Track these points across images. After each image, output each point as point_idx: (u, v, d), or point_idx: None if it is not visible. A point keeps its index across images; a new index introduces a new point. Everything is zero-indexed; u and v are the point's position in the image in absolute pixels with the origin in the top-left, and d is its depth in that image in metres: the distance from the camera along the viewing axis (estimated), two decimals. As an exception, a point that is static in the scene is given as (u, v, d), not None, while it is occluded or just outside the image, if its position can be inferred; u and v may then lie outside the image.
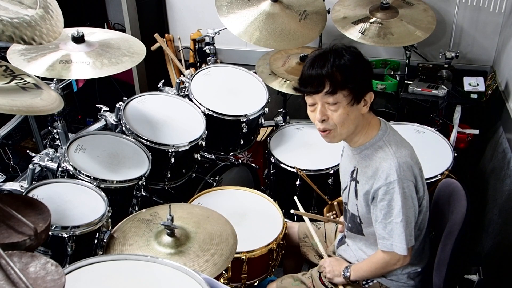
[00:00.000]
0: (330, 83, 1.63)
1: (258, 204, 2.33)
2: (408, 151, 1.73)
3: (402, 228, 1.70)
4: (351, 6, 2.96)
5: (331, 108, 1.67)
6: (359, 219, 1.84)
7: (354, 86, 1.65)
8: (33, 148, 3.16)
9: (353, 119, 1.69)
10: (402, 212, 1.69)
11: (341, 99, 1.65)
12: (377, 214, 1.74)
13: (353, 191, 1.82)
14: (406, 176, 1.68)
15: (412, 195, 1.70)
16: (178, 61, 3.40)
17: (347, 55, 1.65)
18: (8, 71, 1.85)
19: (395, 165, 1.67)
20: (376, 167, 1.71)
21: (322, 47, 1.76)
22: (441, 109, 2.97)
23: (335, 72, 1.63)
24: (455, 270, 1.79)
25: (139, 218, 1.91)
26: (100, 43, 2.25)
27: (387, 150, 1.71)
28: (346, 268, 1.90)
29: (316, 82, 1.66)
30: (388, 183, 1.68)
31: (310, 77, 1.68)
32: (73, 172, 2.10)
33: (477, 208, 2.79)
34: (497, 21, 3.08)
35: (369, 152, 1.75)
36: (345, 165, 1.91)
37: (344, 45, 1.71)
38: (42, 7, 1.66)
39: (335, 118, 1.68)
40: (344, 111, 1.67)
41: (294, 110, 3.35)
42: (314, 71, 1.66)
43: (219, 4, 2.80)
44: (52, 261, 1.18)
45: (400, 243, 1.72)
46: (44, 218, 1.55)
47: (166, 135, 2.41)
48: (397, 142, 1.74)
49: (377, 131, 1.76)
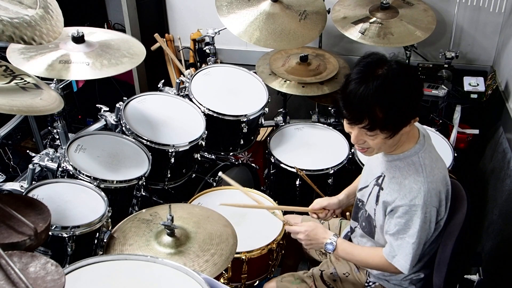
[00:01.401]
0: (369, 120, 1.50)
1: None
2: (441, 174, 1.67)
3: (412, 249, 1.67)
4: (351, 6, 2.96)
5: (368, 137, 1.58)
6: (375, 222, 1.81)
7: (395, 125, 1.53)
8: (33, 148, 3.16)
9: (392, 142, 1.61)
10: (417, 235, 1.65)
11: (379, 134, 1.55)
12: (391, 226, 1.70)
13: (375, 196, 1.77)
14: (431, 202, 1.63)
15: (431, 219, 1.66)
16: (178, 61, 3.40)
17: (395, 81, 1.49)
18: (8, 71, 1.85)
19: (424, 190, 1.61)
20: (404, 184, 1.65)
21: (371, 53, 1.57)
22: (441, 109, 2.97)
23: (375, 109, 1.49)
24: (455, 270, 1.79)
25: (139, 218, 1.91)
26: (100, 44, 2.25)
27: (420, 171, 1.63)
28: (329, 244, 1.83)
29: (354, 114, 1.52)
30: (412, 204, 1.63)
31: (350, 103, 1.52)
32: (73, 172, 2.09)
33: (477, 208, 2.79)
34: (497, 21, 3.08)
35: (401, 165, 1.68)
36: (372, 166, 1.84)
37: (395, 60, 1.53)
38: (42, 7, 1.66)
39: (372, 144, 1.60)
40: (382, 141, 1.58)
41: (294, 110, 3.35)
42: (356, 96, 1.49)
43: (219, 4, 2.80)
44: (52, 261, 1.18)
45: (405, 262, 1.69)
46: (44, 218, 1.55)
47: (166, 135, 2.41)
48: (432, 161, 1.66)
49: (414, 144, 1.66)
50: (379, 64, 1.53)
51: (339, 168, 2.59)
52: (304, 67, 2.90)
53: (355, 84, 1.51)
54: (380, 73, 1.50)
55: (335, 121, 3.02)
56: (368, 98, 1.48)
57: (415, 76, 1.62)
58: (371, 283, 1.93)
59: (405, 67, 1.57)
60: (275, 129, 2.88)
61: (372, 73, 1.51)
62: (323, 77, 2.86)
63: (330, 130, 2.82)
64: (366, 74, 1.51)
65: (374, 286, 1.92)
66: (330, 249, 1.83)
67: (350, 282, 1.97)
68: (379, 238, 1.82)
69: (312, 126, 2.88)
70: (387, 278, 1.89)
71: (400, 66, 1.54)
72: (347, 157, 2.63)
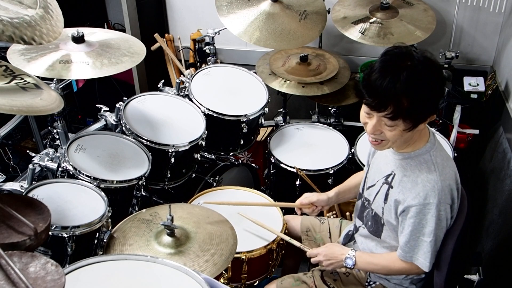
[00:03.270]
0: (394, 107, 1.51)
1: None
2: (452, 172, 1.68)
3: (430, 247, 1.68)
4: (351, 6, 2.95)
5: (387, 127, 1.58)
6: (383, 220, 1.80)
7: (418, 116, 1.54)
8: (33, 148, 3.16)
9: (407, 137, 1.61)
10: (434, 233, 1.66)
11: (400, 124, 1.55)
12: (404, 227, 1.71)
13: (383, 194, 1.77)
14: (445, 199, 1.64)
15: (447, 216, 1.67)
16: (178, 61, 3.40)
17: (424, 73, 1.50)
18: (8, 71, 1.85)
19: (438, 188, 1.62)
20: (417, 183, 1.65)
21: (398, 45, 1.59)
22: (441, 109, 2.97)
23: (402, 97, 1.49)
24: (455, 270, 1.79)
25: (139, 218, 1.91)
26: (100, 43, 2.25)
27: (433, 170, 1.64)
28: (348, 259, 1.84)
29: (379, 100, 1.52)
30: (425, 203, 1.63)
31: (375, 90, 1.52)
32: (73, 172, 2.09)
33: (477, 208, 2.79)
34: (497, 21, 3.08)
35: (413, 163, 1.68)
36: (379, 165, 1.83)
37: (425, 54, 1.54)
38: (42, 7, 1.66)
39: (389, 135, 1.59)
40: (400, 133, 1.58)
41: (294, 110, 3.35)
42: (382, 84, 1.49)
43: (219, 4, 2.80)
44: (52, 261, 1.18)
45: (425, 260, 1.70)
46: (44, 218, 1.55)
47: (166, 135, 2.41)
48: (443, 160, 1.67)
49: (425, 142, 1.67)
50: (407, 55, 1.54)
51: (339, 168, 2.59)
52: (304, 67, 2.90)
53: (382, 73, 1.52)
54: (410, 64, 1.51)
55: (335, 121, 3.02)
56: (397, 86, 1.49)
57: (440, 71, 1.63)
58: (372, 282, 1.93)
59: (433, 61, 1.57)
60: (275, 129, 2.88)
61: (401, 64, 1.52)
62: (323, 77, 2.86)
63: (330, 130, 2.82)
64: (394, 64, 1.53)
65: (375, 286, 1.92)
66: (350, 264, 1.83)
67: (350, 282, 1.97)
68: (385, 237, 1.82)
69: (312, 126, 2.88)
70: (387, 277, 1.89)
71: (428, 60, 1.55)
72: (347, 157, 2.63)
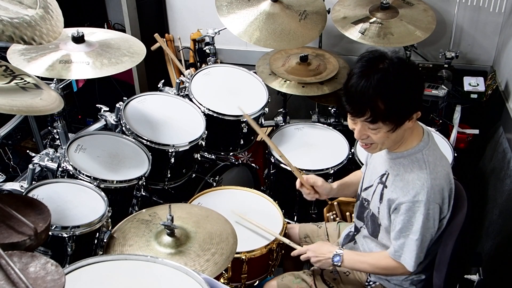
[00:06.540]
0: (371, 111, 1.53)
1: (258, 204, 2.33)
2: (444, 171, 1.67)
3: (415, 246, 1.68)
4: (351, 6, 2.96)
5: (371, 131, 1.60)
6: (379, 220, 1.81)
7: (397, 117, 1.55)
8: (33, 148, 3.15)
9: (395, 137, 1.63)
10: (420, 232, 1.66)
11: (382, 127, 1.57)
12: (395, 225, 1.72)
13: (379, 194, 1.78)
14: (434, 198, 1.64)
15: (435, 216, 1.67)
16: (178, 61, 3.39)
17: (395, 74, 1.52)
18: (8, 71, 1.85)
19: (427, 186, 1.62)
20: (407, 181, 1.66)
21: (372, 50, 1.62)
22: (441, 109, 2.97)
23: (377, 101, 1.52)
24: (455, 270, 1.79)
25: (139, 218, 1.91)
26: (100, 43, 2.25)
27: (423, 168, 1.65)
28: (336, 256, 1.85)
29: (356, 107, 1.55)
30: (415, 201, 1.64)
31: (352, 97, 1.55)
32: (73, 172, 2.09)
33: (477, 208, 2.79)
34: (497, 21, 3.08)
35: (405, 162, 1.69)
36: (375, 165, 1.85)
37: (396, 56, 1.56)
38: (42, 7, 1.66)
39: (375, 138, 1.61)
40: (385, 135, 1.60)
41: (294, 110, 3.35)
42: (357, 90, 1.52)
43: (219, 4, 2.80)
44: (52, 261, 1.18)
45: (410, 259, 1.71)
46: (44, 218, 1.55)
47: (166, 135, 2.41)
48: (436, 159, 1.68)
49: (418, 141, 1.68)
50: (380, 58, 1.56)
51: (339, 168, 2.59)
52: (304, 67, 2.90)
53: (356, 78, 1.55)
54: (381, 67, 1.54)
55: (335, 121, 3.02)
56: (370, 90, 1.52)
57: (415, 70, 1.64)
58: (372, 282, 1.93)
59: (406, 62, 1.60)
60: (275, 129, 2.88)
61: (373, 67, 1.54)
62: (323, 77, 2.86)
63: (330, 130, 2.82)
64: (368, 68, 1.55)
65: (375, 286, 1.92)
66: (337, 260, 1.84)
67: (350, 282, 1.97)
68: (382, 237, 1.83)
69: (312, 126, 2.88)
70: (387, 278, 1.89)
71: (401, 61, 1.58)
72: (347, 157, 2.63)
